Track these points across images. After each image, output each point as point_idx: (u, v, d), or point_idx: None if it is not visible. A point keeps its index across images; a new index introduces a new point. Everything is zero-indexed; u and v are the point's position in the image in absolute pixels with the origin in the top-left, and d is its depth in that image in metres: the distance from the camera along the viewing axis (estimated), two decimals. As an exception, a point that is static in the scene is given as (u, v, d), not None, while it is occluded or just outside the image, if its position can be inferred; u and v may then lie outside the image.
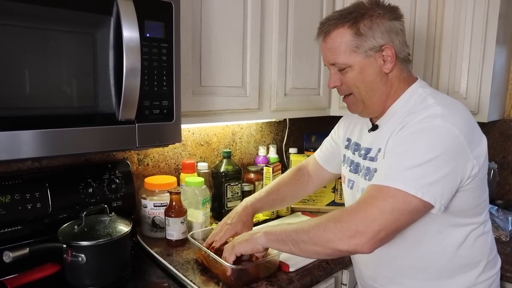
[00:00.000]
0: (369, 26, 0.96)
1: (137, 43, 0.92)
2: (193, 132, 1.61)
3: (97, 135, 0.94)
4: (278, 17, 1.41)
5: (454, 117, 0.90)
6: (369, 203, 0.87)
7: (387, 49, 0.97)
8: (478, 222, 1.00)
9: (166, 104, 1.03)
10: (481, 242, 1.02)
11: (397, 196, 0.84)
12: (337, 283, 1.29)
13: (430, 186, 0.84)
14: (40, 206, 1.12)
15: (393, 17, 0.99)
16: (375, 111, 1.05)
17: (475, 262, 1.01)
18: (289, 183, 1.35)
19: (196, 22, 1.18)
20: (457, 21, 1.59)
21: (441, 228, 0.97)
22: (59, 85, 0.88)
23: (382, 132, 1.03)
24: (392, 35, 0.98)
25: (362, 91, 1.02)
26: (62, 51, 0.87)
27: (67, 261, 1.01)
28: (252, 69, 1.35)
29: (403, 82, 1.03)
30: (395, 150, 0.93)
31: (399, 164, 0.88)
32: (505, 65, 1.78)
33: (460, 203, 0.93)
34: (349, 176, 1.15)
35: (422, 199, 0.84)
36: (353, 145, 1.16)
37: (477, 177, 0.92)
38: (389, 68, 0.99)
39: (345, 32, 0.98)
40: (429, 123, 0.89)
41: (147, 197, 1.34)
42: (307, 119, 1.98)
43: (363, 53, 0.97)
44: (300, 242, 0.92)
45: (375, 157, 1.02)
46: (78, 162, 1.31)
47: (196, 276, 1.10)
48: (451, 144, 0.87)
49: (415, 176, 0.85)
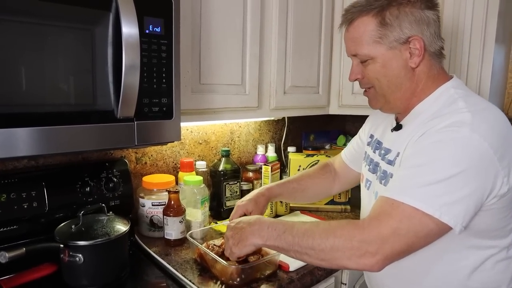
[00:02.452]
0: (396, 15, 0.88)
1: (137, 39, 0.90)
2: (192, 130, 1.59)
3: (95, 133, 0.92)
4: (278, 15, 1.40)
5: (485, 127, 0.80)
6: (383, 222, 0.79)
7: (415, 41, 0.89)
8: (500, 246, 0.90)
9: (165, 101, 1.01)
10: (502, 267, 0.91)
11: (413, 217, 0.77)
12: (337, 282, 1.29)
13: (451, 206, 0.76)
14: (37, 205, 1.11)
15: (426, 6, 0.90)
16: (397, 107, 0.98)
17: (492, 287, 0.92)
18: (313, 175, 1.30)
19: (196, 19, 1.16)
20: (457, 20, 1.59)
21: (457, 248, 0.88)
22: (57, 82, 0.86)
23: (404, 134, 0.95)
24: (423, 25, 0.89)
25: (384, 85, 0.94)
26: (60, 47, 0.85)
27: (64, 261, 0.99)
28: (252, 67, 1.34)
29: (432, 79, 0.93)
30: (414, 161, 0.83)
31: (418, 178, 0.80)
32: (503, 64, 1.78)
33: (481, 223, 0.84)
34: (367, 176, 1.09)
35: (440, 220, 0.76)
36: (375, 142, 1.10)
37: (505, 197, 0.83)
38: (416, 63, 0.90)
39: (370, 20, 0.90)
40: (454, 133, 0.80)
41: (145, 196, 1.32)
42: (305, 118, 1.97)
43: (388, 44, 0.90)
44: (304, 255, 0.86)
45: (394, 161, 0.95)
46: (75, 161, 1.29)
47: (195, 276, 1.08)
48: (479, 158, 0.78)
49: (434, 194, 0.77)
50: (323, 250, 0.82)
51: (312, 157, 1.70)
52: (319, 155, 1.73)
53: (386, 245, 0.78)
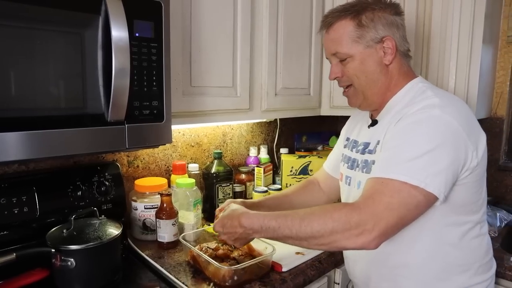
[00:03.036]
0: (371, 18, 0.99)
1: (126, 42, 0.90)
2: (184, 133, 1.59)
3: (86, 137, 0.92)
4: (268, 17, 1.41)
5: (452, 109, 0.91)
6: (376, 200, 0.85)
7: (388, 41, 1.00)
8: (474, 220, 0.99)
9: (156, 104, 1.02)
10: (476, 243, 1.01)
11: (402, 190, 0.84)
12: (330, 282, 1.29)
13: (433, 177, 0.84)
14: (27, 210, 1.10)
15: (394, 12, 1.02)
16: (374, 103, 1.06)
17: (469, 263, 1.00)
18: (297, 189, 1.34)
19: (186, 22, 1.17)
20: (445, 21, 1.61)
21: (437, 227, 0.96)
22: (47, 85, 0.86)
23: (381, 125, 1.04)
24: (394, 28, 1.01)
25: (362, 82, 1.03)
26: (50, 51, 0.85)
27: (56, 266, 0.99)
28: (243, 69, 1.35)
29: (403, 76, 1.04)
30: (394, 142, 0.92)
31: (400, 155, 0.88)
32: (491, 64, 1.81)
33: (457, 197, 0.93)
34: (346, 173, 1.14)
35: (426, 190, 0.84)
36: (352, 142, 1.16)
37: (475, 171, 0.92)
38: (389, 60, 1.01)
39: (348, 23, 1.00)
40: (427, 113, 0.90)
41: (138, 199, 1.32)
42: (297, 119, 1.98)
43: (365, 43, 1.00)
44: (302, 241, 0.89)
45: (374, 149, 1.03)
46: (66, 165, 1.29)
47: (188, 278, 1.08)
48: (450, 134, 0.87)
49: (417, 167, 0.85)
50: (323, 236, 0.86)
51: (304, 158, 1.71)
52: (311, 156, 1.74)
53: (381, 221, 0.83)
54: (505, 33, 1.84)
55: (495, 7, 1.74)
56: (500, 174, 1.91)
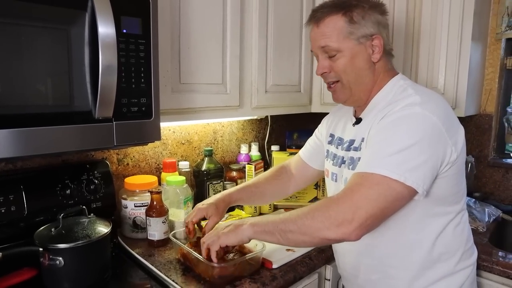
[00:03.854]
0: (362, 15, 1.01)
1: (113, 39, 0.89)
2: (174, 130, 1.59)
3: (73, 134, 0.91)
4: (258, 14, 1.41)
5: (432, 105, 0.93)
6: (355, 191, 0.88)
7: (376, 39, 1.02)
8: (456, 210, 1.03)
9: (144, 101, 1.01)
10: (459, 231, 1.05)
11: (381, 182, 0.86)
12: (320, 278, 1.30)
13: (412, 171, 0.86)
14: (15, 209, 1.09)
15: (382, 11, 1.04)
16: (361, 99, 1.08)
17: (452, 251, 1.04)
18: (269, 178, 1.36)
19: (175, 19, 1.16)
20: (434, 18, 1.62)
21: (421, 218, 0.99)
22: (33, 82, 0.85)
23: (365, 123, 1.05)
24: (381, 27, 1.03)
25: (351, 78, 1.04)
26: (35, 47, 0.84)
27: (44, 265, 0.98)
28: (232, 66, 1.34)
29: (387, 74, 1.07)
30: (376, 138, 0.95)
31: (381, 151, 0.90)
32: (480, 61, 1.82)
33: (438, 190, 0.95)
34: (332, 170, 1.16)
35: (405, 184, 0.86)
36: (337, 140, 1.18)
37: (455, 164, 0.95)
38: (377, 58, 1.03)
39: (339, 18, 1.01)
40: (408, 111, 0.92)
41: (128, 197, 1.31)
42: (288, 117, 1.98)
43: (356, 40, 1.01)
44: (288, 232, 0.92)
45: (359, 146, 1.05)
46: (55, 163, 1.27)
47: (178, 276, 1.08)
48: (430, 130, 0.90)
49: (397, 162, 0.87)
50: (304, 224, 0.89)
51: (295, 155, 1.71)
52: (302, 153, 1.74)
53: (360, 210, 0.85)
54: (494, 30, 1.85)
55: (484, 4, 1.75)
56: (489, 170, 1.93)
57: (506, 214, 1.72)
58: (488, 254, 1.32)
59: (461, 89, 1.62)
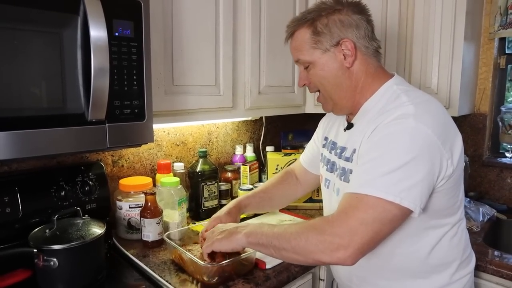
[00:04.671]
0: (325, 23, 0.99)
1: (105, 42, 0.90)
2: (169, 132, 1.59)
3: (67, 136, 0.92)
4: (251, 16, 1.42)
5: (427, 117, 0.89)
6: (350, 215, 0.85)
7: (346, 43, 0.98)
8: (452, 222, 1.00)
9: (137, 103, 1.02)
10: (455, 242, 1.02)
11: (376, 205, 0.83)
12: (314, 278, 1.30)
13: (408, 191, 0.83)
14: (10, 211, 1.09)
15: (353, 11, 1.00)
16: (345, 107, 1.06)
17: (448, 262, 1.01)
18: (275, 183, 1.37)
19: (167, 21, 1.17)
20: (427, 19, 1.63)
21: (416, 231, 0.96)
22: (26, 85, 0.86)
23: (356, 131, 1.03)
24: (351, 29, 0.99)
25: (327, 88, 1.04)
26: (28, 51, 0.85)
27: (39, 266, 0.99)
28: (225, 67, 1.35)
29: (372, 77, 1.02)
30: (369, 155, 0.91)
31: (375, 170, 0.86)
32: (474, 61, 1.83)
33: (433, 205, 0.93)
34: (326, 175, 1.15)
35: (401, 205, 0.83)
36: (330, 143, 1.17)
37: (451, 178, 0.92)
38: (349, 62, 1.00)
39: (305, 31, 1.02)
40: (401, 125, 0.88)
41: (123, 198, 1.32)
42: (283, 118, 1.99)
43: (322, 49, 1.00)
44: (282, 250, 0.91)
45: (350, 157, 1.02)
46: (49, 165, 1.28)
47: (173, 277, 1.09)
48: (425, 145, 0.86)
49: (391, 182, 0.84)
50: (298, 244, 0.88)
51: (290, 156, 1.72)
52: (296, 154, 1.75)
53: (356, 236, 0.83)
54: (487, 30, 1.86)
55: (477, 4, 1.77)
56: (484, 169, 1.94)
57: (500, 213, 1.73)
58: (482, 253, 1.32)
59: (455, 89, 1.63)
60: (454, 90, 1.63)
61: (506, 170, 1.88)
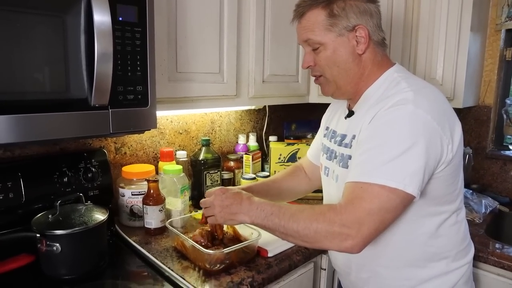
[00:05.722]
0: (342, 7, 0.98)
1: (109, 27, 0.89)
2: (172, 120, 1.59)
3: (70, 121, 0.92)
4: (256, 3, 1.40)
5: (426, 102, 0.89)
6: (356, 206, 0.85)
7: (360, 30, 0.98)
8: (450, 210, 1.00)
9: (140, 89, 1.01)
10: (454, 231, 1.02)
11: (381, 194, 0.84)
12: (316, 268, 1.31)
13: (411, 177, 0.84)
14: (13, 196, 1.10)
15: (367, 0, 1.00)
16: (347, 92, 1.06)
17: (446, 251, 1.01)
18: (285, 175, 1.36)
19: (172, 7, 1.15)
20: (433, 9, 1.61)
21: (414, 218, 0.96)
22: (29, 69, 0.85)
23: (357, 118, 1.03)
24: (366, 16, 0.99)
25: (334, 72, 1.02)
26: (31, 34, 0.84)
27: (42, 251, 0.99)
28: (229, 55, 1.34)
29: (377, 65, 1.03)
30: (370, 143, 0.91)
31: (377, 158, 0.87)
32: (479, 52, 1.81)
33: (432, 190, 0.93)
34: (325, 163, 1.15)
35: (405, 191, 0.84)
36: (330, 132, 1.16)
37: (451, 164, 0.92)
38: (362, 49, 1.00)
39: (319, 12, 0.99)
40: (401, 110, 0.88)
41: (125, 186, 1.32)
42: (286, 107, 1.98)
43: (337, 32, 0.99)
44: (289, 236, 0.92)
45: (350, 143, 1.02)
46: (52, 151, 1.28)
47: (175, 264, 1.09)
48: (425, 130, 0.86)
49: (395, 169, 0.84)
50: (307, 235, 0.88)
51: (292, 146, 1.72)
52: (299, 144, 1.75)
53: (363, 227, 0.84)
54: (494, 21, 1.84)
55: (484, -5, 1.74)
56: (487, 161, 1.93)
57: (503, 205, 1.72)
58: (484, 245, 1.33)
59: (460, 80, 1.62)
60: (459, 82, 1.62)
61: (509, 162, 1.87)
